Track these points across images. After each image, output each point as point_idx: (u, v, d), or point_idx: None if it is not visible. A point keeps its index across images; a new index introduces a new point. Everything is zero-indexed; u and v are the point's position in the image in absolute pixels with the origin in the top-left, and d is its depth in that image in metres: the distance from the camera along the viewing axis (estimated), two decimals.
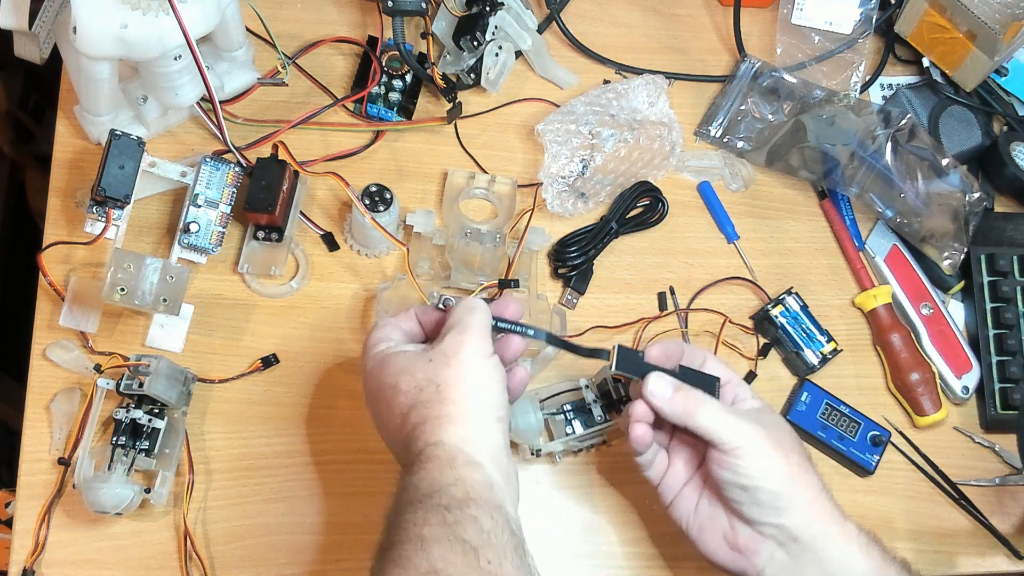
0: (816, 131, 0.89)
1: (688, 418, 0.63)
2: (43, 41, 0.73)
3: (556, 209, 0.86)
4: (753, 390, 0.68)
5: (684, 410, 0.63)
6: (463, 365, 0.60)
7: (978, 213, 0.89)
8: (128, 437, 0.71)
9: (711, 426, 0.63)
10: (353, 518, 0.75)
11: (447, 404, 0.59)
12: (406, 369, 0.61)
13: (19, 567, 0.70)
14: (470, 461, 0.58)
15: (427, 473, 0.57)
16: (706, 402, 0.64)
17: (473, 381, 0.60)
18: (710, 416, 0.63)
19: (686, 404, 0.64)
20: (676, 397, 0.64)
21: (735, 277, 0.88)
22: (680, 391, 0.64)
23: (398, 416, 0.61)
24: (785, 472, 0.62)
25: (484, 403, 0.60)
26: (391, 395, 0.61)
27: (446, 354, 0.61)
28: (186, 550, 0.72)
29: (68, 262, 0.79)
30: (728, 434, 0.62)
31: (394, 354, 0.63)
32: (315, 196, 0.85)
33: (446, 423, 0.59)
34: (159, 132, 0.84)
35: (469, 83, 0.89)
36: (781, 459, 0.62)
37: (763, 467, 0.62)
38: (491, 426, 0.60)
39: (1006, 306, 0.87)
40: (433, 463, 0.57)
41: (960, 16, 0.90)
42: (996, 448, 0.85)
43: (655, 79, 0.91)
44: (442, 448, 0.58)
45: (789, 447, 0.63)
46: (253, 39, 0.86)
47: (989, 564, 0.82)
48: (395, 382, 0.61)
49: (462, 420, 0.59)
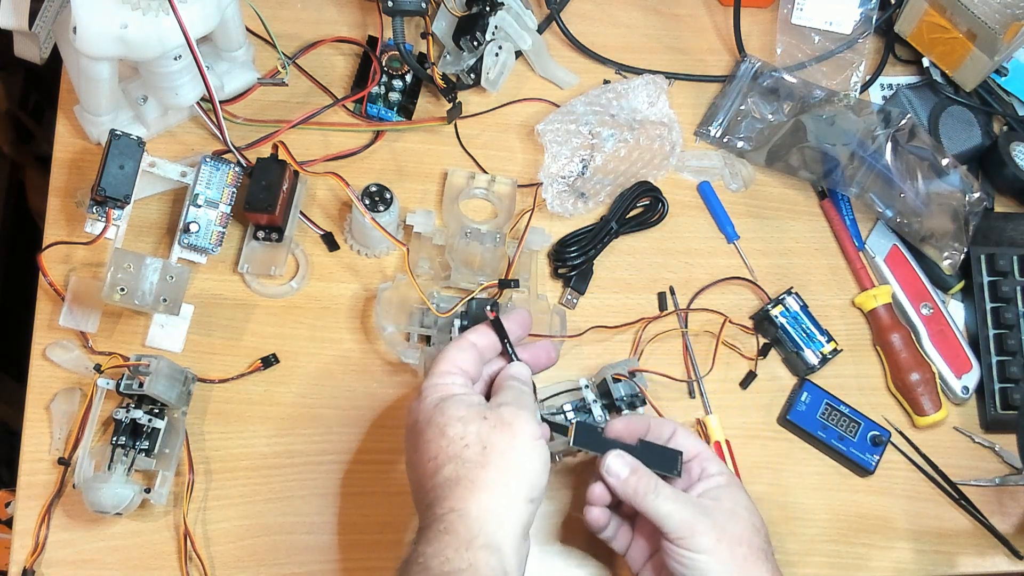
0: (816, 131, 0.89)
1: (640, 501, 0.64)
2: (43, 41, 0.73)
3: (556, 209, 0.86)
4: (723, 464, 0.68)
5: (636, 493, 0.64)
6: (516, 437, 0.60)
7: (978, 213, 0.89)
8: (128, 437, 0.71)
9: (660, 512, 0.63)
10: (353, 518, 0.75)
11: (487, 469, 0.58)
12: (461, 418, 0.60)
13: (19, 567, 0.70)
14: (488, 544, 0.56)
15: (440, 549, 0.55)
16: (659, 488, 0.64)
17: (520, 455, 0.59)
18: (660, 503, 0.63)
19: (637, 487, 0.64)
20: (630, 480, 0.65)
21: (735, 277, 0.88)
22: (636, 473, 0.65)
23: (432, 462, 0.59)
24: (731, 565, 0.62)
25: (523, 481, 0.59)
26: (435, 436, 0.60)
27: (503, 421, 0.60)
28: (186, 550, 0.72)
29: (68, 262, 0.79)
30: (674, 524, 0.63)
31: (456, 396, 0.62)
32: (315, 196, 0.85)
33: (479, 489, 0.57)
34: (159, 132, 0.84)
35: (469, 83, 0.89)
36: (726, 552, 0.62)
37: (706, 560, 0.62)
38: (522, 506, 0.59)
39: (1006, 306, 0.87)
40: (450, 537, 0.56)
41: (960, 16, 0.90)
42: (996, 448, 0.85)
43: (655, 79, 0.91)
44: (464, 522, 0.56)
45: (738, 538, 0.63)
46: (253, 39, 0.86)
47: (989, 564, 0.82)
48: (444, 425, 0.60)
49: (496, 491, 0.58)
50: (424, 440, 0.61)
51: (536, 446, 0.60)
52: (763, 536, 0.65)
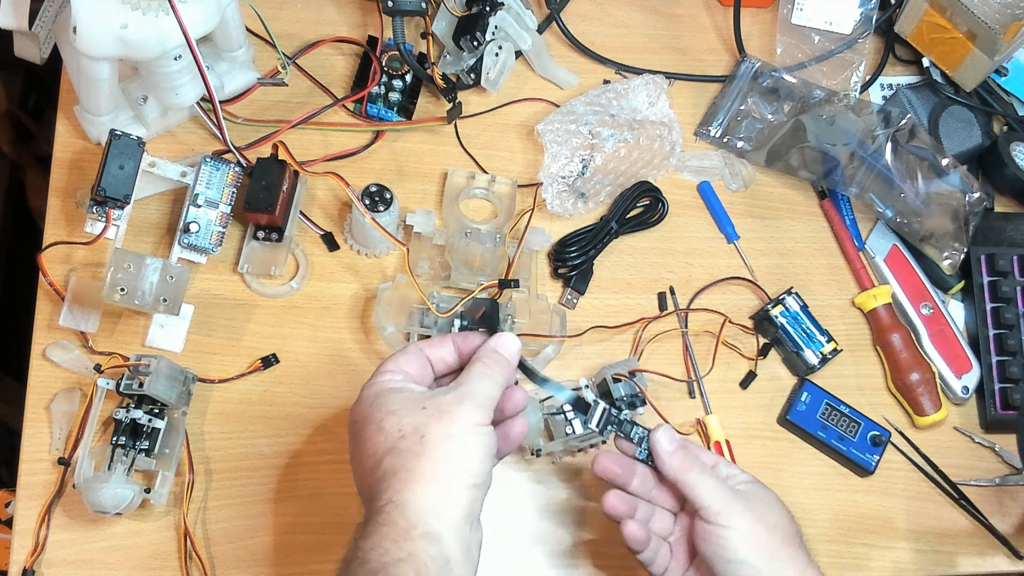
0: (816, 131, 0.89)
1: (683, 475, 0.64)
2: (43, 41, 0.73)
3: (556, 209, 0.86)
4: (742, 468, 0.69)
5: (681, 466, 0.65)
6: (454, 424, 0.57)
7: (978, 213, 0.89)
8: (128, 437, 0.71)
9: (701, 486, 0.64)
10: (353, 518, 0.74)
11: (424, 460, 0.56)
12: (396, 411, 0.58)
13: (19, 567, 0.70)
14: (428, 533, 0.54)
15: (378, 541, 0.54)
16: (701, 463, 0.65)
17: (458, 443, 0.57)
18: (702, 479, 0.64)
19: (684, 461, 0.65)
20: (677, 452, 0.65)
21: (735, 277, 0.88)
22: (684, 448, 0.66)
23: (371, 457, 0.58)
24: (767, 547, 0.62)
25: (463, 468, 0.57)
26: (372, 432, 0.58)
27: (441, 410, 0.58)
28: (186, 550, 0.72)
29: (68, 262, 0.79)
30: (713, 499, 0.63)
31: (391, 390, 0.60)
32: (315, 196, 0.85)
33: (416, 481, 0.55)
34: (159, 132, 0.84)
35: (469, 83, 0.89)
36: (763, 533, 0.63)
37: (744, 539, 0.62)
38: (463, 492, 0.56)
39: (1006, 306, 0.87)
40: (388, 528, 0.54)
41: (960, 16, 0.90)
42: (996, 448, 0.85)
43: (655, 79, 0.91)
44: (402, 513, 0.54)
45: (774, 524, 0.64)
46: (253, 39, 0.86)
47: (989, 564, 0.82)
48: (381, 420, 0.58)
49: (434, 481, 0.56)
50: (363, 439, 0.59)
51: (476, 432, 0.58)
52: (797, 531, 0.66)
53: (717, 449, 0.81)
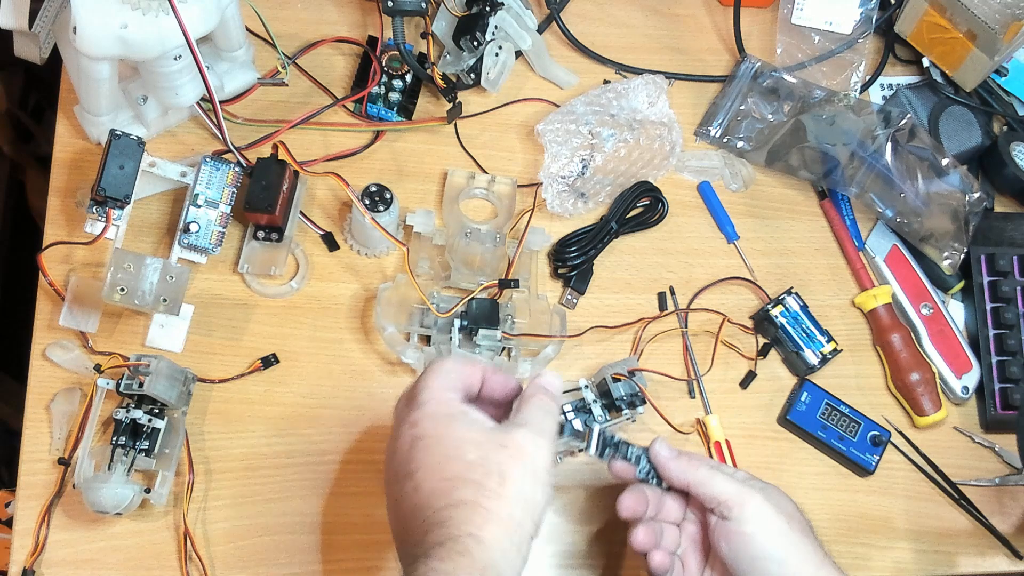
0: (816, 131, 0.89)
1: (692, 476, 0.64)
2: (43, 41, 0.73)
3: (556, 209, 0.86)
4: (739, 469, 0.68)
5: (688, 468, 0.64)
6: (534, 471, 0.57)
7: (978, 213, 0.89)
8: (128, 437, 0.71)
9: (713, 483, 0.63)
10: (353, 518, 0.75)
11: (503, 502, 0.55)
12: (477, 442, 0.57)
13: (19, 567, 0.70)
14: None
15: (455, 568, 0.53)
16: (706, 462, 0.65)
17: (534, 491, 0.57)
18: (712, 474, 0.63)
19: (689, 463, 0.65)
20: (681, 456, 0.65)
21: (735, 277, 0.88)
22: (683, 454, 0.65)
23: (447, 482, 0.56)
24: (789, 539, 0.62)
25: (533, 518, 0.57)
26: (452, 457, 0.57)
27: (523, 450, 0.57)
28: (186, 550, 0.72)
29: (68, 262, 0.79)
30: (726, 493, 0.62)
31: (466, 414, 0.59)
32: (315, 196, 0.85)
33: (495, 521, 0.55)
34: (159, 132, 0.84)
35: (469, 83, 0.89)
36: (784, 524, 0.62)
37: (766, 532, 0.62)
38: (527, 545, 0.56)
39: (1006, 306, 0.87)
40: (467, 560, 0.53)
41: (960, 16, 0.90)
42: (996, 448, 0.85)
43: (655, 79, 0.91)
44: (481, 549, 0.54)
45: (789, 513, 0.64)
46: (253, 39, 0.86)
47: (989, 564, 0.82)
48: (460, 448, 0.57)
49: (509, 528, 0.55)
50: (436, 457, 0.58)
51: (548, 480, 0.58)
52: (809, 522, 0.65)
53: (717, 449, 0.81)
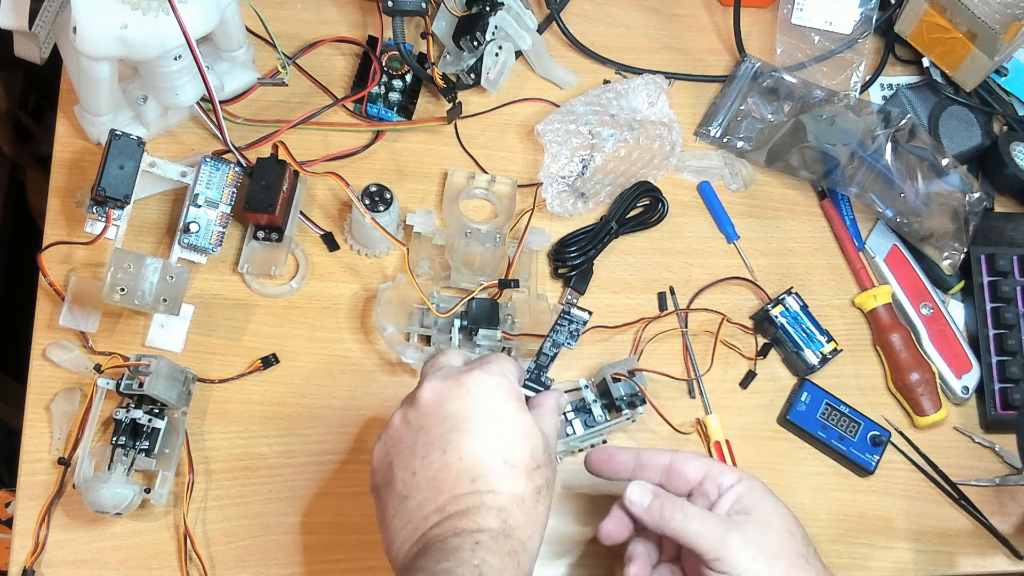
0: (816, 131, 0.89)
1: (668, 524, 0.62)
2: (43, 41, 0.73)
3: (556, 209, 0.86)
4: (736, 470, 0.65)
5: (662, 517, 0.62)
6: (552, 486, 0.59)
7: (978, 213, 0.89)
8: (128, 437, 0.71)
9: (690, 532, 0.61)
10: (353, 518, 0.75)
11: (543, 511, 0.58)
12: (543, 447, 0.58)
13: (19, 567, 0.70)
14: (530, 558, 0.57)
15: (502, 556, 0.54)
16: (686, 509, 0.62)
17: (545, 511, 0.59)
18: (689, 523, 0.61)
19: (663, 510, 0.62)
20: (654, 505, 0.63)
21: (735, 277, 0.88)
22: (659, 498, 0.63)
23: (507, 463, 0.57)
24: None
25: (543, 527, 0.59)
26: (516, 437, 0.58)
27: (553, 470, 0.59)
28: (186, 550, 0.72)
29: (68, 262, 0.79)
30: (706, 543, 0.60)
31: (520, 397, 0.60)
32: (315, 196, 0.85)
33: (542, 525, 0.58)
34: (159, 132, 0.84)
35: (469, 83, 0.89)
36: (764, 568, 0.60)
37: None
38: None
39: (1006, 306, 0.87)
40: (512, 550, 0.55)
41: (960, 16, 0.90)
42: (996, 448, 0.85)
43: (655, 79, 0.91)
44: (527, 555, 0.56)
45: (775, 551, 0.61)
46: (253, 39, 0.86)
47: (989, 564, 0.82)
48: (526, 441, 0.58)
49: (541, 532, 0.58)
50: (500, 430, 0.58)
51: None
52: (801, 539, 0.62)
53: (717, 449, 0.81)
